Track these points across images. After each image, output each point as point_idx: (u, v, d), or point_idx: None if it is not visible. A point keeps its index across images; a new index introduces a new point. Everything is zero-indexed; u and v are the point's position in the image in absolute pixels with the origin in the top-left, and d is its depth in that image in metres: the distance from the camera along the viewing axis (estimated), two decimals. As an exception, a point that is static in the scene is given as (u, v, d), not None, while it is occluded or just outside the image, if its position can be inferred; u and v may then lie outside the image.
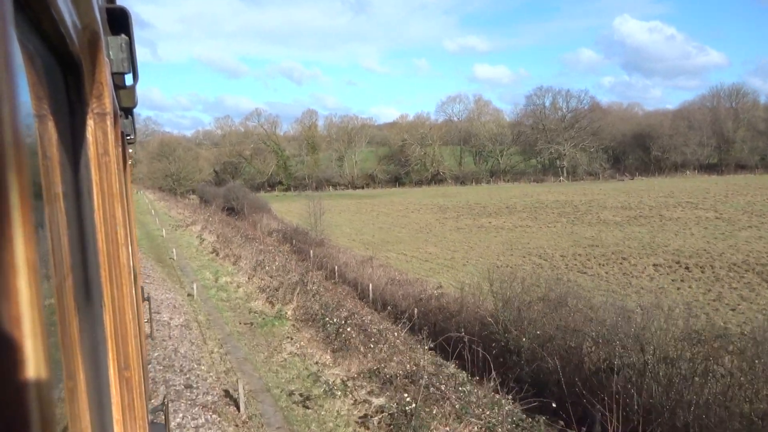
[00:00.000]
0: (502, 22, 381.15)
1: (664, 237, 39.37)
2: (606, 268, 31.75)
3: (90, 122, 1.33)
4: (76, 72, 1.18)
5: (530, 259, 34.85)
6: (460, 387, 10.47)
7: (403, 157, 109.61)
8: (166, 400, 4.36)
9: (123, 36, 1.70)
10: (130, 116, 3.62)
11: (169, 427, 4.48)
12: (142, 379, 2.15)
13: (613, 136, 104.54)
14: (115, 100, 1.99)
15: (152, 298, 14.27)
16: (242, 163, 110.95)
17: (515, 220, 52.66)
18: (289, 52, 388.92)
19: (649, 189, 73.69)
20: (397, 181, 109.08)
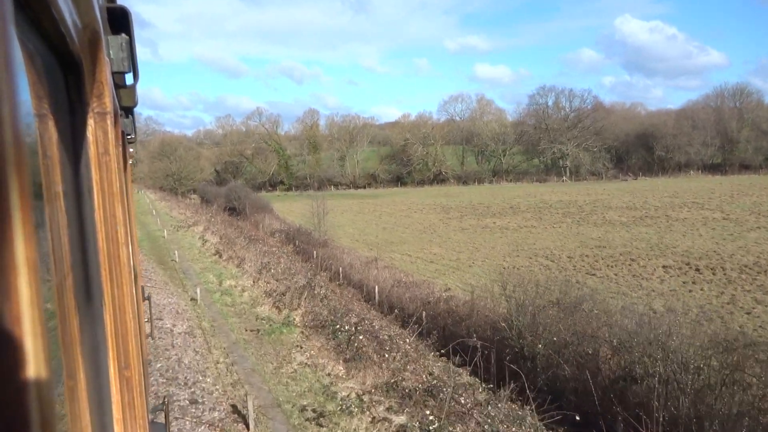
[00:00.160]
0: (503, 21, 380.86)
1: (672, 238, 38.84)
2: (615, 270, 31.21)
3: (90, 121, 1.34)
4: (77, 71, 1.18)
5: (537, 261, 34.32)
6: (477, 397, 9.96)
7: (405, 157, 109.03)
8: (166, 400, 4.42)
9: (123, 35, 1.70)
10: (131, 116, 3.66)
11: (170, 427, 4.52)
12: (143, 379, 2.16)
13: (616, 136, 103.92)
14: (116, 100, 2.01)
15: (154, 303, 13.78)
16: (243, 163, 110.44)
17: (519, 221, 52.12)
18: (290, 52, 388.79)
19: (654, 189, 73.16)
20: (399, 180, 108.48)
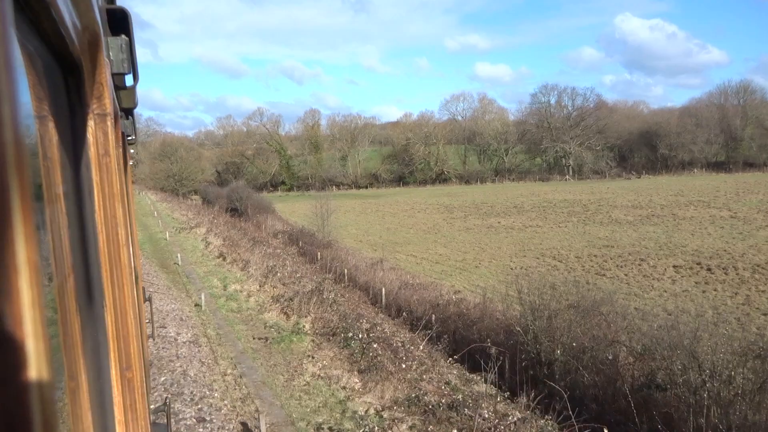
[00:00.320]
0: (503, 20, 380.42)
1: (681, 237, 38.27)
2: (624, 270, 30.65)
3: (90, 123, 1.33)
4: (77, 73, 1.18)
5: (545, 261, 33.77)
6: (497, 408, 9.42)
7: (407, 157, 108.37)
8: (167, 401, 4.34)
9: (123, 36, 1.69)
10: (131, 117, 3.59)
11: (171, 428, 4.44)
12: (144, 380, 2.10)
13: (619, 134, 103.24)
14: (116, 101, 1.97)
15: (157, 309, 13.26)
16: (245, 163, 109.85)
17: (524, 220, 51.54)
18: (290, 52, 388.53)
19: (658, 187, 72.53)
20: (401, 180, 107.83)
